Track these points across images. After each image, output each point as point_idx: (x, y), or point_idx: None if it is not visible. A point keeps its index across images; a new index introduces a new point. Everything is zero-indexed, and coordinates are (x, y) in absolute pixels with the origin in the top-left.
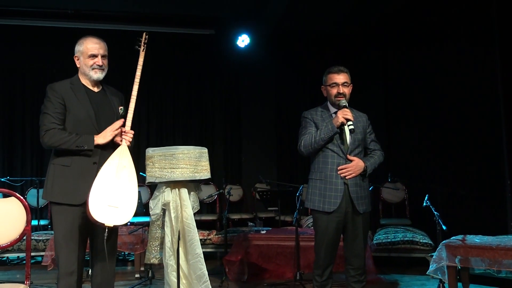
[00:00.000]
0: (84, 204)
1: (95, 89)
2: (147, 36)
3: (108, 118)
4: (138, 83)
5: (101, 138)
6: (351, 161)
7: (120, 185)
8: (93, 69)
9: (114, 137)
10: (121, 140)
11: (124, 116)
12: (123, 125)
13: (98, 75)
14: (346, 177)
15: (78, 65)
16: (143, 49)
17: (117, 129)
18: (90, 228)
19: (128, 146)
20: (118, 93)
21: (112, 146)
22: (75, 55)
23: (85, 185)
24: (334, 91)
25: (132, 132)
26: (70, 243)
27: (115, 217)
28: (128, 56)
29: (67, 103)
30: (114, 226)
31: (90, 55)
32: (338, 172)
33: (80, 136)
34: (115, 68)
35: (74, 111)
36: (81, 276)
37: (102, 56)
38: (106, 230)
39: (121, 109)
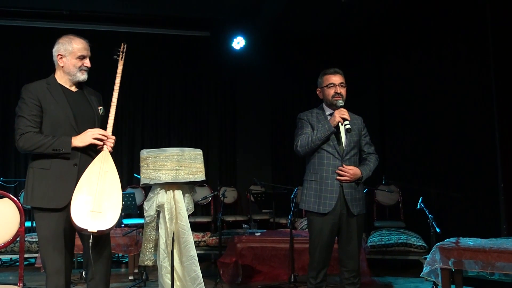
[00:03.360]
0: (67, 208)
1: (73, 89)
2: (125, 46)
3: (87, 117)
4: (118, 91)
5: (79, 141)
6: (347, 163)
7: (103, 190)
8: (81, 70)
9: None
10: (103, 146)
11: (104, 116)
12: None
13: (85, 76)
14: (341, 181)
15: (61, 64)
16: (122, 57)
17: (99, 138)
18: (76, 232)
19: (110, 152)
20: (96, 93)
21: (94, 146)
22: (59, 53)
23: (66, 188)
24: (331, 91)
25: (113, 137)
26: (55, 248)
27: (98, 223)
28: (124, 57)
29: (43, 104)
30: (98, 231)
31: (79, 56)
32: (336, 171)
33: (56, 138)
34: (111, 70)
35: (52, 112)
36: (69, 278)
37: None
38: (91, 236)
39: (100, 109)
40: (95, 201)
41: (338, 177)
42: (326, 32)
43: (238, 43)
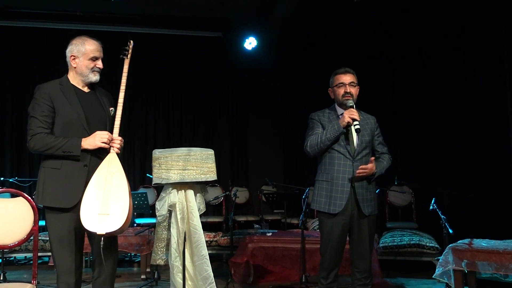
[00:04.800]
0: (77, 207)
1: (85, 90)
2: (131, 44)
3: (99, 118)
4: (124, 90)
5: (88, 144)
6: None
7: (110, 192)
8: (93, 71)
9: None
10: (110, 148)
11: (114, 117)
12: (111, 132)
13: (97, 77)
14: (357, 175)
15: (74, 65)
16: (128, 56)
17: (107, 141)
18: (87, 231)
19: (117, 154)
20: (108, 93)
21: (103, 148)
22: (72, 54)
23: (75, 188)
24: (341, 91)
25: (120, 138)
26: (66, 247)
27: (106, 224)
28: (137, 57)
29: (55, 104)
30: (106, 233)
31: (92, 57)
32: (358, 171)
33: (67, 141)
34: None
35: (64, 112)
36: (80, 277)
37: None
38: (102, 238)
39: (111, 110)
40: (103, 204)
41: (358, 174)
42: (338, 33)
43: (250, 43)
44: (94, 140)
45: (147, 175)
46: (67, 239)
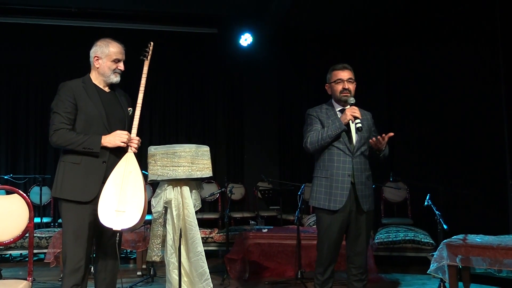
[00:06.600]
0: (93, 202)
1: (106, 89)
2: (151, 46)
3: (119, 118)
4: (143, 92)
5: (107, 142)
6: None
7: (126, 190)
8: (114, 72)
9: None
10: (128, 147)
11: (132, 117)
12: (129, 132)
13: (118, 78)
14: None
15: (97, 65)
16: (148, 58)
17: (126, 141)
18: (98, 226)
19: (134, 153)
20: (126, 94)
21: (121, 147)
22: (96, 55)
23: (93, 183)
24: (339, 87)
25: (138, 138)
26: (79, 240)
27: (122, 221)
28: (131, 54)
29: (78, 102)
30: (122, 229)
31: (114, 59)
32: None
33: (88, 137)
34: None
35: (86, 110)
36: (86, 273)
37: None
38: (118, 234)
39: (130, 110)
40: (120, 201)
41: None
42: (334, 28)
43: (246, 40)
44: (114, 139)
45: (142, 171)
46: (81, 232)
